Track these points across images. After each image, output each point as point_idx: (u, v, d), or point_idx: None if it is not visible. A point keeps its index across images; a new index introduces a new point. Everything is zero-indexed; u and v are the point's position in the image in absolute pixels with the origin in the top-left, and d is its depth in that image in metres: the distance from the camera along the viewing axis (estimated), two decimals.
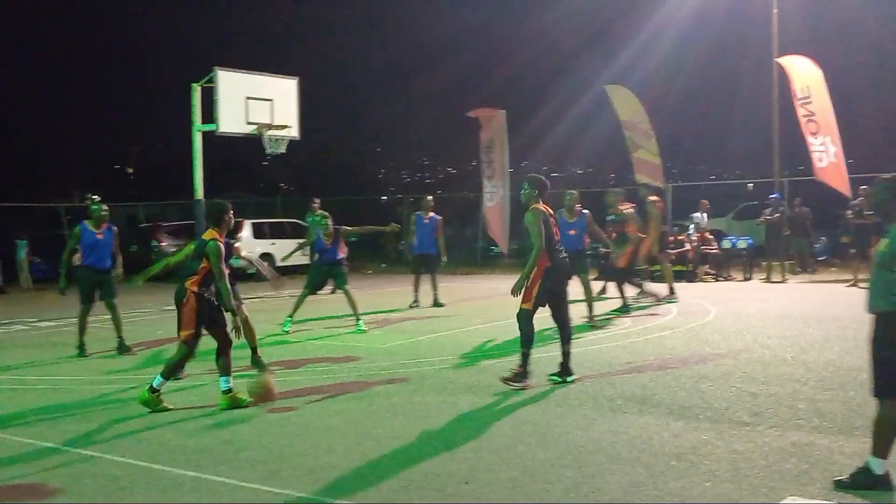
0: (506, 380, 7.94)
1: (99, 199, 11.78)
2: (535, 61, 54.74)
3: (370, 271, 25.54)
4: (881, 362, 4.82)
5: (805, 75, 18.62)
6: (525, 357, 8.03)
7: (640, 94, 22.24)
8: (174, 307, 7.62)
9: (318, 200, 18.01)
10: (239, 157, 41.16)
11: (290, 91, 16.87)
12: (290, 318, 12.52)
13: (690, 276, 19.47)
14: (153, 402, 7.36)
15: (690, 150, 47.59)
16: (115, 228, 11.30)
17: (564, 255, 8.36)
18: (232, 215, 7.88)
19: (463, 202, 31.89)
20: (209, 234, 7.65)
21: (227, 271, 7.54)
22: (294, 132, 16.82)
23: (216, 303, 7.56)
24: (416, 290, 15.32)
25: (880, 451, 4.83)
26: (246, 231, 23.01)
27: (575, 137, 42.80)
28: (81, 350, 10.77)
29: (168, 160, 43.36)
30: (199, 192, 16.26)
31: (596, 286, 13.79)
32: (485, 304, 15.59)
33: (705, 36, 37.97)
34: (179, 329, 7.60)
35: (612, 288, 14.26)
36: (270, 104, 16.26)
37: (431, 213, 15.74)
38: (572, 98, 37.98)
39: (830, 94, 18.34)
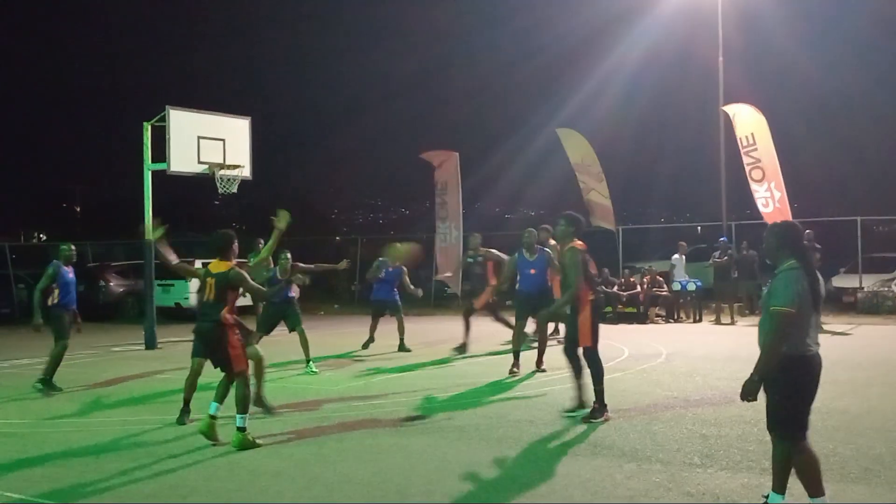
0: (587, 419, 8.08)
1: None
2: (488, 104, 55.51)
3: (322, 312, 25.35)
4: (769, 403, 4.95)
5: (749, 122, 19.07)
6: (600, 393, 8.25)
7: (591, 138, 22.59)
8: (121, 347, 7.48)
9: (262, 241, 17.36)
10: (190, 196, 40.82)
11: (242, 130, 16.85)
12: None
13: (641, 318, 19.67)
14: (248, 442, 7.21)
15: (641, 194, 48.37)
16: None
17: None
18: (236, 245, 7.96)
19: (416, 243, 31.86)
20: (223, 266, 7.69)
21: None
22: (246, 172, 16.77)
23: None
24: (373, 331, 15.00)
25: (777, 486, 4.98)
26: None
27: (528, 179, 43.28)
28: (51, 385, 10.71)
29: (116, 199, 42.82)
30: (149, 232, 16.07)
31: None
32: (438, 345, 15.54)
33: (655, 82, 38.87)
34: (232, 368, 7.46)
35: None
36: (222, 143, 16.21)
37: (398, 264, 15.24)
38: (525, 141, 38.58)
39: (775, 140, 18.79)
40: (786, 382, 4.87)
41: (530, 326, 12.10)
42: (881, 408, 8.62)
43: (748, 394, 4.89)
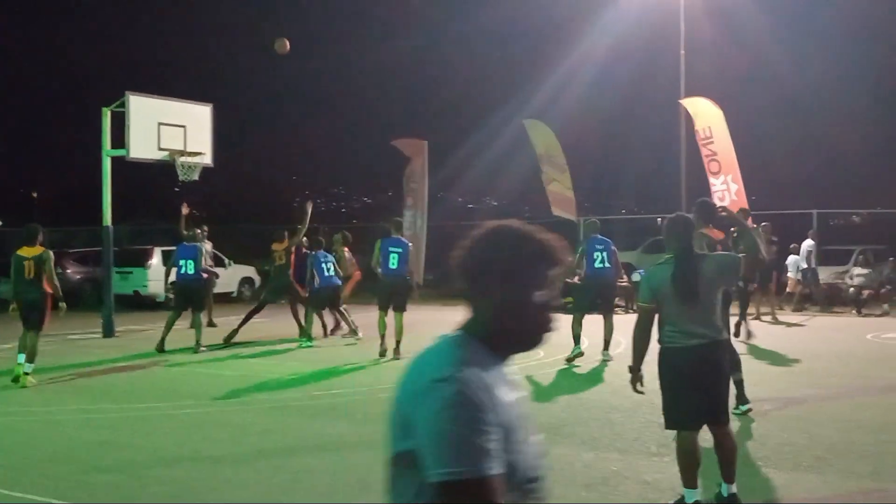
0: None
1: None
2: (452, 95, 55.40)
3: (284, 301, 25.18)
4: (663, 399, 5.09)
5: (707, 116, 19.30)
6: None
7: (556, 130, 22.70)
8: (78, 335, 7.42)
9: (206, 228, 17.07)
10: (150, 183, 40.32)
11: (204, 118, 16.68)
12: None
13: (572, 310, 19.78)
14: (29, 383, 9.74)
15: (604, 185, 48.67)
16: None
17: None
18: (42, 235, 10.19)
19: (379, 232, 31.83)
20: (35, 250, 10.03)
21: None
22: (207, 159, 16.60)
23: None
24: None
25: (724, 476, 5.06)
26: (155, 258, 22.46)
27: (493, 170, 43.34)
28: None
29: (75, 185, 42.17)
30: (108, 219, 15.87)
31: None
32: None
33: (621, 75, 39.14)
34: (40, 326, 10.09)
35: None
36: (183, 130, 16.03)
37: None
38: (491, 132, 38.54)
39: (736, 134, 19.03)
40: (660, 374, 5.01)
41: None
42: (836, 398, 8.81)
43: (631, 382, 5.07)
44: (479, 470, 1.64)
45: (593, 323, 15.76)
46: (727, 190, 18.77)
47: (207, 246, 16.59)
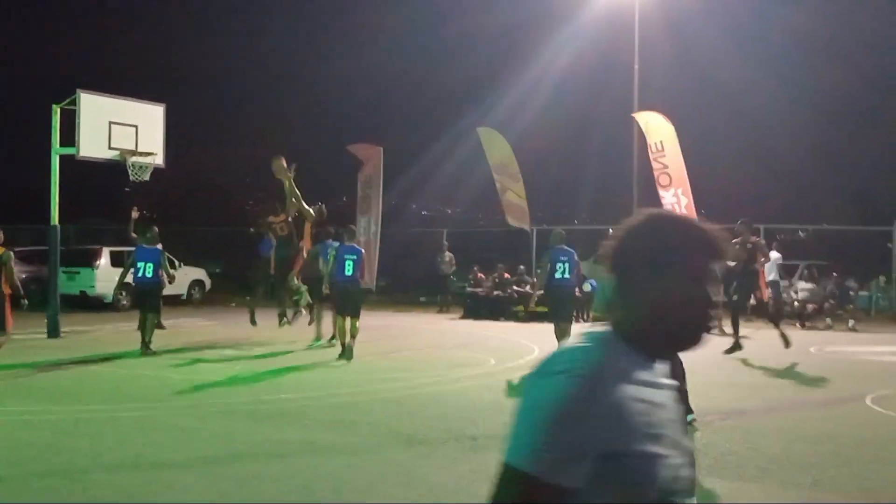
0: None
1: None
2: (408, 104, 55.44)
3: (234, 304, 24.97)
4: None
5: (658, 130, 19.57)
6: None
7: (511, 139, 22.85)
8: (22, 335, 7.27)
9: (156, 229, 16.78)
10: (100, 183, 39.66)
11: (156, 118, 16.50)
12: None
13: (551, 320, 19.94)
14: None
15: (558, 195, 49.01)
16: None
17: None
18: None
19: (324, 236, 31.66)
20: None
21: None
22: (159, 160, 16.43)
23: None
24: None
25: None
26: (103, 259, 22.12)
27: (447, 177, 43.40)
28: None
29: (23, 183, 41.31)
30: (55, 217, 15.60)
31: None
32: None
33: (577, 86, 39.51)
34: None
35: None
36: (135, 130, 15.85)
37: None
38: (445, 140, 38.59)
39: (688, 148, 19.32)
40: None
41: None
42: (780, 409, 8.98)
43: None
44: (538, 472, 1.55)
45: (542, 331, 15.83)
46: (677, 203, 19.03)
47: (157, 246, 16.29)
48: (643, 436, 1.60)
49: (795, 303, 20.29)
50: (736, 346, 12.48)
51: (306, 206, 14.58)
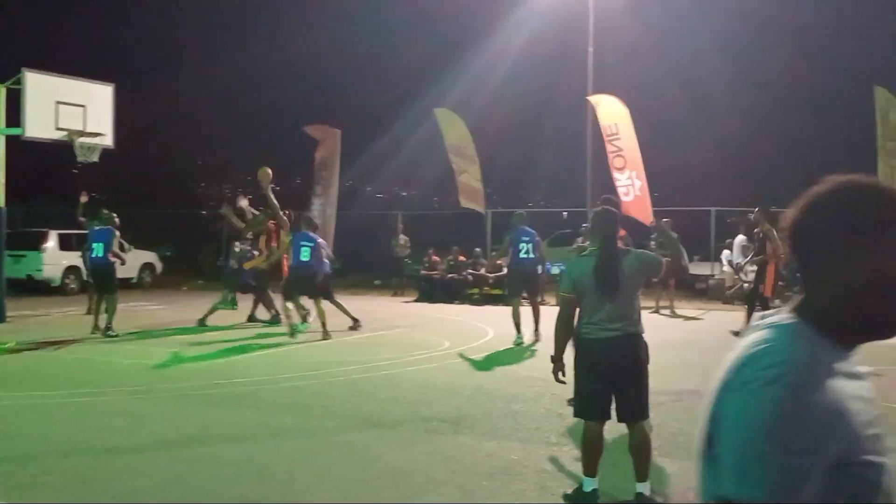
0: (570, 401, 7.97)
1: None
2: (365, 85, 55.05)
3: (185, 287, 24.73)
4: (574, 388, 5.23)
5: (613, 113, 19.68)
6: None
7: (469, 122, 22.83)
8: None
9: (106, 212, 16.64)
10: (47, 164, 38.88)
11: (104, 98, 16.22)
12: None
13: (507, 300, 20.05)
14: None
15: (513, 178, 49.16)
16: None
17: None
18: None
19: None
20: None
21: None
22: (108, 140, 16.16)
23: None
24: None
25: (587, 470, 5.15)
26: (51, 242, 21.69)
27: (403, 160, 43.30)
28: None
29: None
30: (1, 200, 15.29)
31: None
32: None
33: (533, 68, 39.55)
34: None
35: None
36: (83, 110, 15.56)
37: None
38: (402, 122, 38.46)
39: (642, 131, 19.47)
40: (574, 364, 5.14)
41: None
42: None
43: (553, 371, 5.21)
44: (773, 501, 1.34)
45: (496, 313, 15.90)
46: (631, 185, 19.20)
47: None
48: (865, 438, 1.41)
49: (745, 284, 20.63)
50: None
51: (282, 216, 14.53)
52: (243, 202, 15.21)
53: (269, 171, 14.48)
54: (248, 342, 12.63)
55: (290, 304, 13.18)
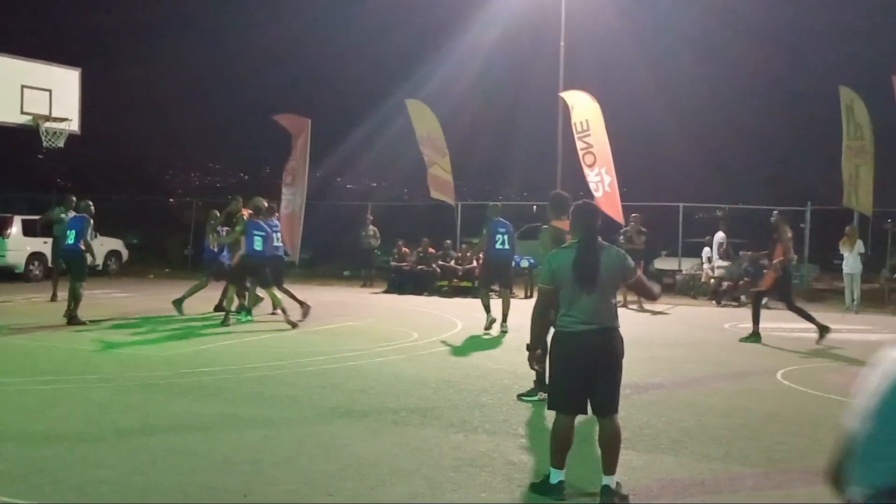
0: (520, 396, 8.03)
1: None
2: (338, 76, 54.84)
3: (152, 275, 24.47)
4: (549, 380, 5.24)
5: (584, 109, 19.73)
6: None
7: (441, 115, 22.80)
8: None
9: (73, 199, 16.55)
10: (11, 148, 38.28)
11: (71, 82, 15.97)
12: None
13: (476, 292, 20.08)
14: None
15: (484, 171, 49.20)
16: None
17: None
18: None
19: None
20: None
21: None
22: (74, 126, 15.93)
23: None
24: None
25: (555, 461, 5.15)
26: (14, 227, 21.34)
27: (374, 151, 43.17)
28: None
29: None
30: None
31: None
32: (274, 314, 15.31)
33: (506, 63, 39.60)
34: None
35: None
36: (49, 94, 15.31)
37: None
38: (374, 113, 38.34)
39: (612, 127, 19.54)
40: (550, 356, 5.15)
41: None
42: (694, 383, 9.21)
43: (528, 360, 5.22)
44: None
45: (465, 305, 15.94)
46: (601, 181, 19.28)
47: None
48: None
49: (711, 280, 20.81)
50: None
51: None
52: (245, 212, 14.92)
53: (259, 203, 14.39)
54: (215, 332, 12.51)
55: (236, 292, 13.50)
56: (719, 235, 20.24)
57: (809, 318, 12.52)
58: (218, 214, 15.62)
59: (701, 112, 42.62)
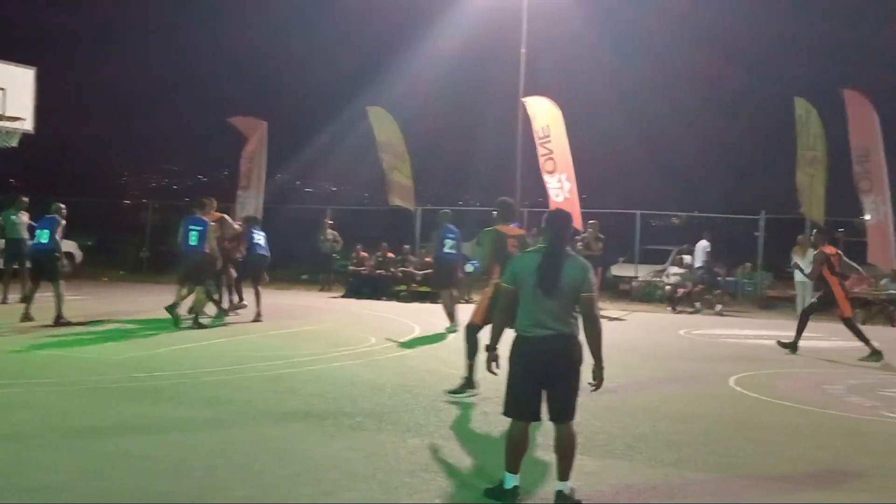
0: (450, 391, 8.31)
1: None
2: (295, 78, 54.57)
3: (105, 278, 24.11)
4: (506, 385, 5.25)
5: (545, 115, 19.86)
6: (470, 368, 8.39)
7: (401, 120, 22.81)
8: None
9: (25, 199, 16.50)
10: None
11: (25, 81, 15.71)
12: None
13: (435, 298, 20.10)
14: None
15: (444, 177, 49.25)
16: None
17: None
18: None
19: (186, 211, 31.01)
20: None
21: None
22: (28, 125, 15.68)
23: None
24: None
25: (509, 466, 5.16)
26: None
27: (333, 155, 43.03)
28: None
29: None
30: None
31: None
32: (228, 318, 15.17)
33: (466, 70, 39.68)
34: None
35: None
36: (2, 93, 15.05)
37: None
38: (333, 118, 38.22)
39: (572, 134, 19.67)
40: (509, 361, 5.18)
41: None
42: (649, 389, 9.31)
43: (486, 361, 5.35)
44: None
45: (423, 310, 15.98)
46: (561, 188, 19.41)
47: (24, 217, 16.00)
48: None
49: (667, 287, 21.05)
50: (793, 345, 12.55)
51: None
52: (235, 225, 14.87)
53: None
54: (171, 335, 12.36)
55: (184, 289, 13.37)
56: (703, 244, 20.27)
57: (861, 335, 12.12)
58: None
59: (659, 121, 43.16)
